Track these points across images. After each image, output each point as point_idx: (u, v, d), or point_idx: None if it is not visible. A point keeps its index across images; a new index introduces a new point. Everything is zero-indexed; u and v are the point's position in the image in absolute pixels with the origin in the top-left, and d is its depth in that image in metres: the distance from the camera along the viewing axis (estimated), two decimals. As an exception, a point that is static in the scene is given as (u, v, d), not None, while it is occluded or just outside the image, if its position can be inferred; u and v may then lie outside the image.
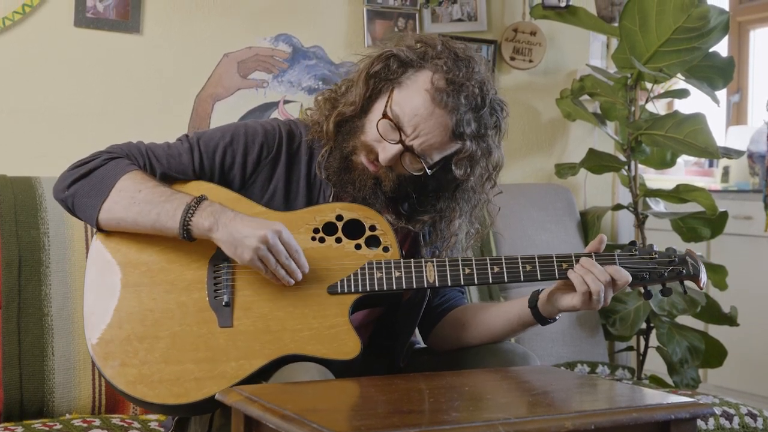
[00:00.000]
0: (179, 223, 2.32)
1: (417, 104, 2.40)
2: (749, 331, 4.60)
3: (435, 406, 2.03)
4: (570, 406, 2.10)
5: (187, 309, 2.35)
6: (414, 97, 2.41)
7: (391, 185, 2.46)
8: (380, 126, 2.41)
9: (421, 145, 2.40)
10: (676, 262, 2.48)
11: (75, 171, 2.43)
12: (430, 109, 2.39)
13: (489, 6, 4.12)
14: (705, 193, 3.90)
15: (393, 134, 2.41)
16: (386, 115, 2.41)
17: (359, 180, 2.46)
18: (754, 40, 6.39)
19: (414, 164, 2.43)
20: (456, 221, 2.57)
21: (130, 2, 3.50)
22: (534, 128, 4.27)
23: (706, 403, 2.09)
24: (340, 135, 2.49)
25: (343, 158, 2.47)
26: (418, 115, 2.39)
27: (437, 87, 2.39)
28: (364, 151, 2.45)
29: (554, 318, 2.52)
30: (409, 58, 2.45)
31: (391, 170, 2.44)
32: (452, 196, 2.54)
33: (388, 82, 2.46)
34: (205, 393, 2.28)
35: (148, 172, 2.44)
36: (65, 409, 2.90)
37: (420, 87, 2.41)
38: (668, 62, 3.73)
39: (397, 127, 2.39)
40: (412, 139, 2.39)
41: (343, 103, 2.51)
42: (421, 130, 2.39)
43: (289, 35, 3.78)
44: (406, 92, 2.42)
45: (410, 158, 2.42)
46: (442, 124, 2.39)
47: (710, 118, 3.76)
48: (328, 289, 2.39)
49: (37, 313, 2.90)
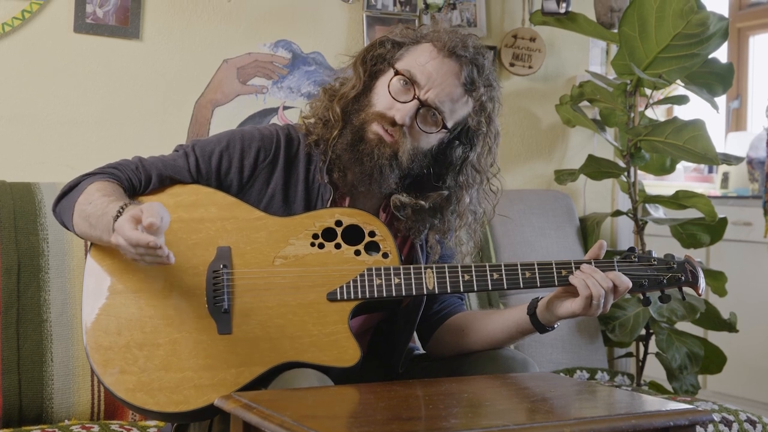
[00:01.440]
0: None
1: (426, 57, 2.45)
2: (748, 338, 4.60)
3: (434, 412, 2.02)
4: (569, 412, 2.09)
5: (186, 316, 2.35)
6: (421, 54, 2.47)
7: (407, 157, 2.46)
8: (392, 86, 2.43)
9: (436, 95, 2.43)
10: (675, 268, 2.48)
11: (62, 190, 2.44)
12: (439, 59, 2.44)
13: (488, 12, 4.13)
14: (704, 200, 3.90)
15: (406, 94, 2.44)
16: (398, 72, 2.44)
17: (377, 150, 2.45)
18: (754, 46, 6.39)
19: (430, 122, 2.46)
20: (466, 198, 2.58)
21: (130, 8, 3.50)
22: (533, 134, 4.28)
23: (705, 410, 2.09)
24: (347, 115, 2.50)
25: (355, 132, 2.47)
26: (429, 64, 2.44)
27: (442, 42, 2.45)
28: (376, 120, 2.46)
29: (553, 326, 2.52)
30: (404, 38, 2.52)
31: (407, 138, 2.45)
32: (462, 170, 2.56)
33: (385, 62, 2.51)
34: (204, 400, 2.27)
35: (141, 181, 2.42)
36: (64, 415, 2.90)
37: (424, 49, 2.47)
38: (667, 68, 3.74)
39: (411, 81, 2.43)
40: (426, 91, 2.42)
41: (343, 88, 2.53)
42: (435, 79, 2.43)
43: (288, 41, 3.78)
44: (411, 55, 2.48)
45: (426, 115, 2.44)
46: (453, 72, 2.44)
47: (709, 124, 3.76)
48: (328, 295, 2.39)
49: (36, 319, 2.90)
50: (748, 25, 6.37)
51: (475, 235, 2.65)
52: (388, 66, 2.49)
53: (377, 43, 2.54)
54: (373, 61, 2.52)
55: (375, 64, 2.52)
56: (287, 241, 2.42)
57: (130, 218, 2.14)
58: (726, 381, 4.89)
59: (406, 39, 2.52)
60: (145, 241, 2.11)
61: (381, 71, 2.51)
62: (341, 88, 2.54)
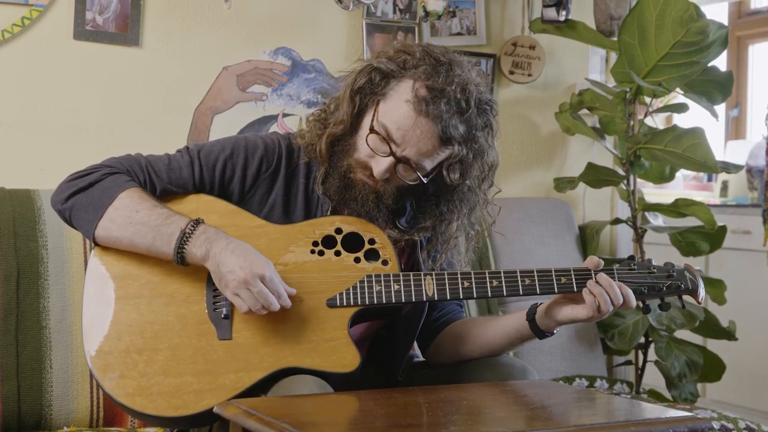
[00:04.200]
0: (174, 249, 2.33)
1: (400, 115, 2.40)
2: (748, 346, 4.59)
3: (433, 419, 2.02)
4: (568, 420, 2.09)
5: (186, 321, 2.35)
6: (397, 108, 2.41)
7: (392, 197, 2.47)
8: (370, 140, 2.42)
9: (411, 154, 2.40)
10: (674, 276, 2.48)
11: (74, 183, 2.43)
12: (413, 119, 2.39)
13: (488, 20, 4.13)
14: (704, 208, 3.90)
15: (383, 147, 2.41)
16: (373, 130, 2.42)
17: (361, 196, 2.46)
18: (753, 54, 6.40)
19: (408, 174, 2.44)
20: (454, 223, 2.58)
21: (130, 15, 3.50)
22: (533, 142, 4.28)
23: (704, 418, 2.09)
24: (334, 155, 2.50)
25: (342, 177, 2.48)
26: (402, 127, 2.39)
27: (418, 96, 2.39)
28: (359, 168, 2.46)
29: (552, 332, 2.52)
30: (390, 69, 2.46)
31: (389, 183, 2.45)
32: (450, 198, 2.54)
33: (373, 95, 2.47)
34: (204, 405, 2.28)
35: (147, 187, 2.44)
36: (63, 421, 2.90)
37: (402, 98, 2.42)
38: (667, 76, 3.74)
39: (386, 140, 2.40)
40: (402, 150, 2.40)
41: (332, 122, 2.52)
42: (409, 140, 2.39)
43: (288, 48, 3.78)
44: (391, 104, 2.43)
45: (404, 168, 2.42)
46: (428, 132, 2.39)
47: (709, 132, 3.76)
48: (327, 302, 2.39)
49: (36, 326, 2.89)
50: (748, 33, 6.38)
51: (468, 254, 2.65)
52: (373, 103, 2.47)
53: (366, 70, 2.49)
54: (361, 96, 2.49)
55: (363, 98, 2.49)
56: (287, 248, 2.42)
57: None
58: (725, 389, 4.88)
59: (392, 69, 2.46)
60: (280, 291, 2.32)
61: (367, 107, 2.48)
62: (330, 120, 2.53)
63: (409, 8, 3.95)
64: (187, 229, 2.33)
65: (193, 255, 2.33)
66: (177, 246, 2.33)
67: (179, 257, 2.33)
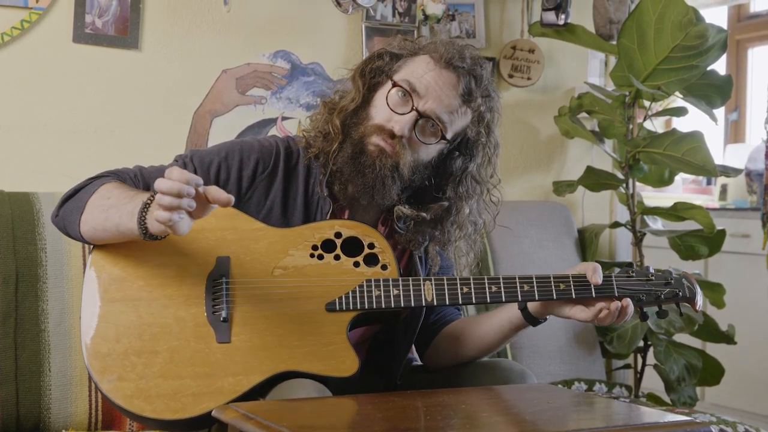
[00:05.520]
0: (137, 221, 2.19)
1: (424, 68, 2.46)
2: (747, 350, 4.59)
3: (431, 423, 2.02)
4: (567, 424, 2.09)
5: (185, 324, 2.35)
6: (419, 66, 2.48)
7: (408, 168, 2.47)
8: (390, 98, 2.44)
9: (434, 107, 2.43)
10: (672, 284, 2.48)
11: (64, 196, 2.43)
12: (437, 71, 2.45)
13: (487, 23, 4.13)
14: (703, 211, 3.90)
15: (404, 105, 2.44)
16: (396, 84, 2.45)
17: (378, 161, 2.45)
18: (752, 58, 6.40)
19: (429, 133, 2.46)
20: (465, 208, 2.58)
21: (129, 18, 3.50)
22: (532, 146, 4.28)
23: (703, 422, 2.10)
24: (347, 129, 2.50)
25: (355, 145, 2.48)
26: (427, 75, 2.45)
27: (439, 54, 2.47)
28: (375, 132, 2.46)
29: (545, 318, 2.53)
30: (402, 49, 2.53)
31: (407, 149, 2.46)
32: (462, 181, 2.56)
33: (384, 74, 2.52)
34: (202, 408, 2.27)
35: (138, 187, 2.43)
36: (61, 425, 2.90)
37: (422, 60, 2.49)
38: (666, 80, 3.74)
39: (409, 92, 2.43)
40: (424, 102, 2.43)
41: (343, 101, 2.53)
42: (432, 90, 2.43)
43: (287, 52, 3.79)
44: (409, 67, 2.49)
45: (424, 126, 2.45)
46: (450, 83, 2.45)
47: (708, 136, 3.77)
48: (326, 306, 2.39)
49: (34, 329, 2.89)
50: (747, 37, 6.38)
51: (475, 246, 2.65)
52: (386, 78, 2.50)
53: (375, 55, 2.55)
54: (372, 74, 2.53)
55: (374, 76, 2.53)
56: (287, 251, 2.42)
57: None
58: (724, 393, 4.89)
59: (404, 51, 2.53)
60: (194, 179, 2.06)
61: (379, 84, 2.52)
62: (341, 101, 2.55)
63: (408, 12, 3.95)
64: (147, 200, 2.19)
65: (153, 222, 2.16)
66: (139, 217, 2.18)
67: (143, 228, 2.18)
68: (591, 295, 2.42)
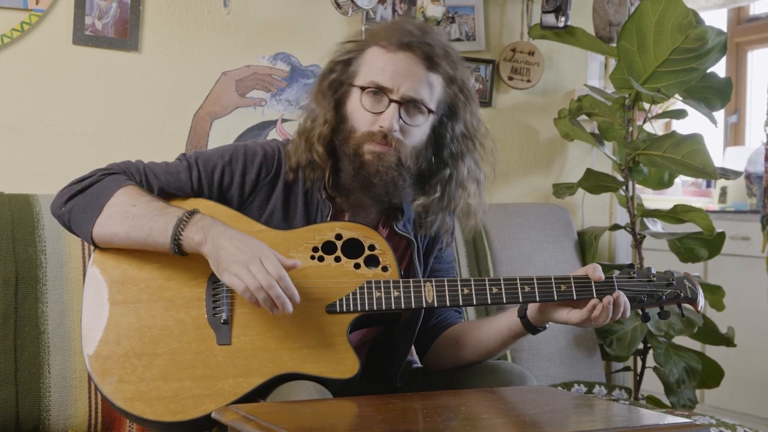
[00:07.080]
0: (170, 237, 2.32)
1: (379, 62, 2.47)
2: (746, 352, 4.59)
3: (431, 425, 2.02)
4: (566, 426, 2.10)
5: (185, 326, 2.35)
6: (373, 62, 2.48)
7: (410, 157, 2.47)
8: (365, 102, 2.46)
9: (408, 90, 2.44)
10: (673, 285, 2.48)
11: (72, 187, 2.43)
12: (392, 56, 2.46)
13: (487, 26, 4.13)
14: (702, 214, 3.90)
15: (380, 103, 2.45)
16: (363, 87, 2.46)
17: (381, 166, 2.46)
18: (752, 60, 6.40)
19: (414, 116, 2.47)
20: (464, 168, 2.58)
21: (129, 20, 3.50)
22: (532, 148, 4.28)
23: (702, 424, 2.10)
24: (335, 150, 2.50)
25: (353, 160, 2.47)
26: (386, 68, 2.45)
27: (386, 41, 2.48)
28: (366, 140, 2.46)
29: (544, 326, 2.53)
30: (349, 53, 2.54)
31: (403, 140, 2.46)
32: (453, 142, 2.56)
33: (345, 84, 2.52)
34: (202, 410, 2.28)
35: (144, 187, 2.44)
36: (61, 427, 2.89)
37: (372, 55, 2.49)
38: (666, 83, 3.74)
39: (380, 89, 2.44)
40: (397, 90, 2.44)
41: (317, 126, 2.52)
42: (398, 76, 2.44)
43: (287, 54, 3.79)
44: (365, 66, 2.49)
45: (408, 110, 2.46)
46: (410, 61, 2.46)
47: (708, 138, 3.76)
48: (327, 308, 2.39)
49: (34, 331, 2.89)
50: (747, 39, 6.38)
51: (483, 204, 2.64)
52: (349, 87, 2.50)
53: (327, 70, 2.56)
54: (333, 89, 2.53)
55: (335, 91, 2.53)
56: (287, 253, 2.42)
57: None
58: (724, 395, 4.89)
59: (352, 53, 2.53)
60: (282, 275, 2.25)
61: (345, 94, 2.52)
62: (314, 128, 2.53)
63: (408, 14, 3.95)
64: (183, 216, 2.33)
65: (190, 240, 2.31)
66: (174, 233, 2.31)
67: (176, 244, 2.31)
68: (592, 295, 2.42)
